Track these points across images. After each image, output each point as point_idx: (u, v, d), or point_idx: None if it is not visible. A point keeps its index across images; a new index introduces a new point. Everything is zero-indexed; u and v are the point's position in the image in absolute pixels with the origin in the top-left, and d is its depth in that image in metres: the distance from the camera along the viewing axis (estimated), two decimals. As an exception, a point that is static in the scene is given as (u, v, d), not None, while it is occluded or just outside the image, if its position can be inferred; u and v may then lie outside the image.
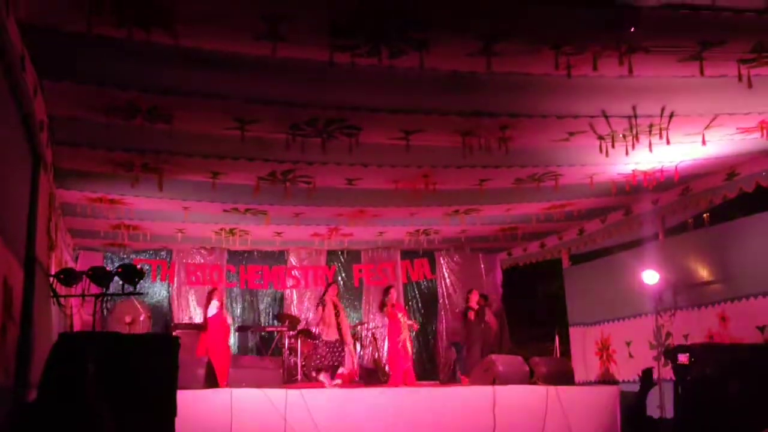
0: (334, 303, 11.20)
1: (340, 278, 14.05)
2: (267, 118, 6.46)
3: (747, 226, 8.68)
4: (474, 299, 12.26)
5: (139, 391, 5.48)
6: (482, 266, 14.69)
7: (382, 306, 11.48)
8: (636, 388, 10.04)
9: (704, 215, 9.82)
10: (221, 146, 7.19)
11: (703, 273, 9.35)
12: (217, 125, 6.59)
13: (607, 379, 11.15)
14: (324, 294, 11.56)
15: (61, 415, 4.17)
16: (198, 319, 11.87)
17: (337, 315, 11.07)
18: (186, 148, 7.26)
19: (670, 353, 4.62)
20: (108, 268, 7.90)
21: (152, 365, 5.84)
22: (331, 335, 10.91)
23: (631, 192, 9.15)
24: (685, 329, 9.44)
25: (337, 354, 10.93)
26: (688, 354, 4.36)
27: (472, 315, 12.07)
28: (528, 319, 13.03)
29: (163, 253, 13.38)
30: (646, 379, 4.78)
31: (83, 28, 4.66)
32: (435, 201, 9.26)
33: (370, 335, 13.52)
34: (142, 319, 11.63)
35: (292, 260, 14.07)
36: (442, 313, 14.39)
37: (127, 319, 11.31)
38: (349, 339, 11.51)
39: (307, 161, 7.66)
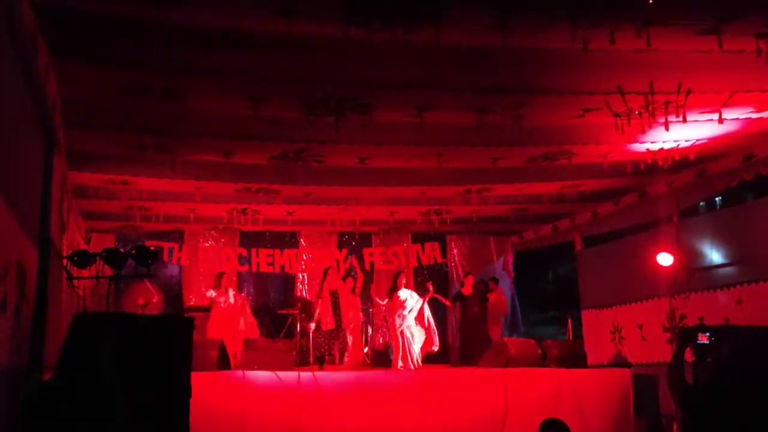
0: (331, 291, 11.09)
1: (350, 263, 14.02)
2: (280, 97, 6.42)
3: (764, 207, 8.58)
4: (469, 284, 12.27)
5: (155, 372, 5.47)
6: (493, 249, 14.63)
7: (390, 291, 11.42)
8: (648, 371, 10.04)
9: (717, 198, 9.73)
10: (234, 126, 7.16)
11: (719, 255, 9.27)
12: (229, 104, 6.57)
13: (619, 362, 11.10)
14: (323, 282, 11.40)
15: (78, 394, 4.16)
16: (209, 302, 11.91)
17: (335, 302, 10.99)
18: (199, 128, 7.23)
19: (688, 333, 4.53)
20: (121, 251, 7.90)
21: (167, 346, 5.83)
22: (328, 324, 10.88)
23: (645, 172, 9.04)
24: (700, 312, 9.36)
25: (334, 341, 10.91)
26: (708, 334, 4.28)
27: (462, 298, 12.18)
28: (540, 302, 13.01)
29: (175, 235, 13.39)
30: (684, 337, 4.64)
31: (96, 7, 4.63)
32: (447, 180, 9.20)
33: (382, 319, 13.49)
34: (155, 301, 11.66)
35: (303, 243, 14.05)
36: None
37: (140, 302, 11.32)
38: (351, 324, 11.50)
39: (320, 140, 7.62)
